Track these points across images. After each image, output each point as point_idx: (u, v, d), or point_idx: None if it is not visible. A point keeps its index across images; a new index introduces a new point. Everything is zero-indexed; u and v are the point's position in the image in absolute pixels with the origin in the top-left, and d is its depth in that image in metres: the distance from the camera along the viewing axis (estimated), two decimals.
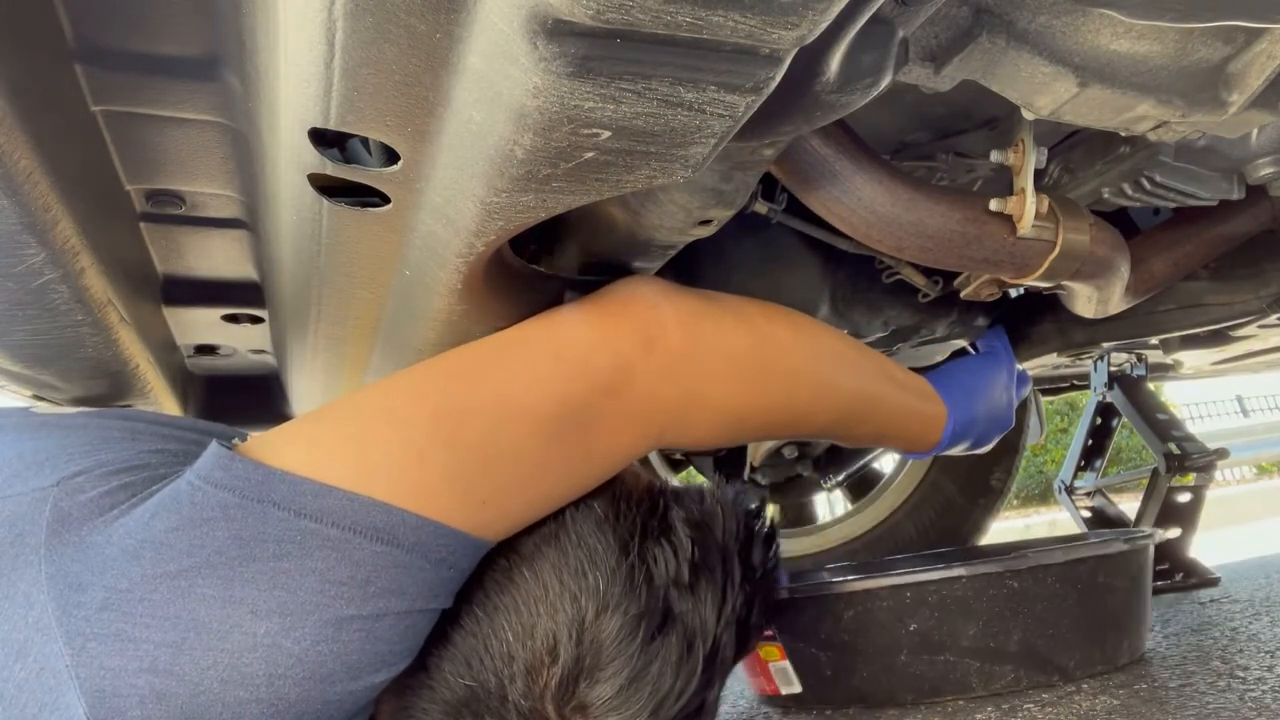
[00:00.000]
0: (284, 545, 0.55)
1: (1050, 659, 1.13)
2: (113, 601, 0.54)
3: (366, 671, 0.58)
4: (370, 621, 0.57)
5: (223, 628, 0.54)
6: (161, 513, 0.56)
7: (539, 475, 0.65)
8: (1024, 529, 6.41)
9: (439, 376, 0.67)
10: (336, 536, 0.56)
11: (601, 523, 0.68)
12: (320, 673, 0.56)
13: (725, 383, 0.73)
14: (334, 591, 0.56)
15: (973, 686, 1.12)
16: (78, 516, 0.57)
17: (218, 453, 0.59)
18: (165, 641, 0.53)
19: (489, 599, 0.65)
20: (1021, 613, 1.12)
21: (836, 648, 1.14)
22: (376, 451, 0.60)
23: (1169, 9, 0.51)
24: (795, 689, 1.18)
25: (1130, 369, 1.92)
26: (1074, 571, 1.14)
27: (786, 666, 1.18)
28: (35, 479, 0.59)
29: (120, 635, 0.53)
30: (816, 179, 0.73)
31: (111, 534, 0.56)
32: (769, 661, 1.20)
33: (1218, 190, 0.82)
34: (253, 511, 0.56)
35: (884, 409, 0.86)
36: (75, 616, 0.53)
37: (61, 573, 0.54)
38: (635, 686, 0.63)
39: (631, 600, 0.64)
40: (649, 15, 0.39)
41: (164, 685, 0.53)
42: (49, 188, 0.62)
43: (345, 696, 0.58)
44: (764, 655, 1.19)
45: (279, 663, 0.55)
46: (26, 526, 0.57)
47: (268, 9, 0.50)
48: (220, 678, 0.54)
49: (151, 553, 0.55)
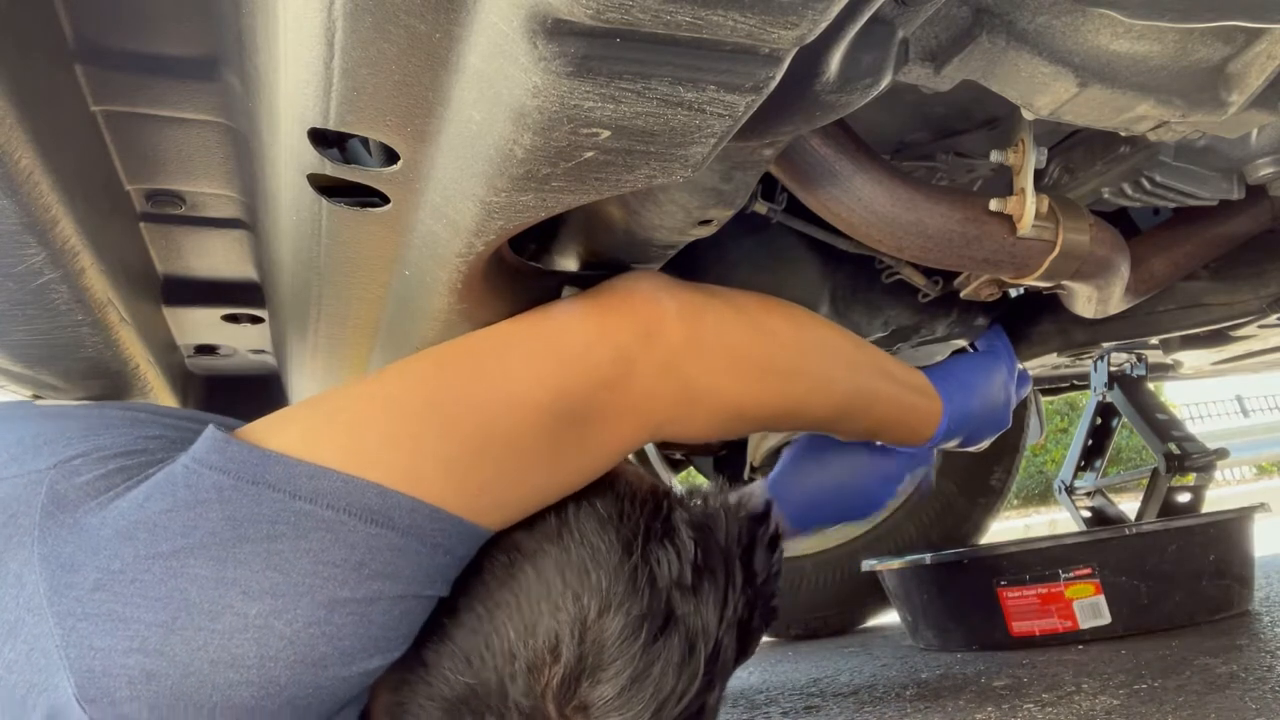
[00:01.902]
0: (278, 526, 0.55)
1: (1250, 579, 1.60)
2: (105, 582, 0.53)
3: (359, 657, 0.58)
4: (364, 605, 0.57)
5: (214, 608, 0.54)
6: (156, 494, 0.56)
7: (536, 465, 0.65)
8: (1024, 529, 6.41)
9: (437, 365, 0.67)
10: (331, 518, 0.56)
11: (605, 523, 0.68)
12: (312, 656, 0.56)
13: (724, 376, 0.73)
14: (327, 573, 0.56)
15: (1232, 605, 1.54)
16: (73, 499, 0.57)
17: (213, 435, 0.59)
18: (156, 622, 0.53)
19: (490, 595, 0.65)
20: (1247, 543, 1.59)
21: (1157, 578, 1.48)
22: (372, 436, 0.60)
23: (1169, 9, 0.51)
24: (1102, 621, 1.47)
25: (1130, 369, 1.92)
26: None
27: (1099, 600, 1.47)
28: (31, 462, 0.59)
29: (111, 615, 0.53)
30: (816, 179, 0.73)
31: (106, 516, 0.56)
32: (1076, 599, 1.46)
33: (1218, 190, 0.82)
34: (247, 493, 0.56)
35: (881, 403, 0.86)
36: (67, 597, 0.53)
37: (54, 553, 0.54)
38: (637, 687, 0.63)
39: (634, 601, 0.64)
40: (649, 15, 0.39)
41: (154, 665, 0.53)
42: (49, 188, 0.62)
43: (337, 682, 0.58)
44: (1070, 594, 1.46)
45: (270, 644, 0.54)
46: (20, 508, 0.56)
47: (268, 9, 0.50)
48: (210, 659, 0.53)
49: (145, 533, 0.55)
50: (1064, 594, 1.48)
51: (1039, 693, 1.11)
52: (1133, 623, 1.48)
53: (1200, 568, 1.50)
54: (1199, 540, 1.51)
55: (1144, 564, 1.48)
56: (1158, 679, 1.10)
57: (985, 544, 2.05)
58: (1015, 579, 1.52)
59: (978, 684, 1.29)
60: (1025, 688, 1.18)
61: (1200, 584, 1.50)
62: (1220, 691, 0.99)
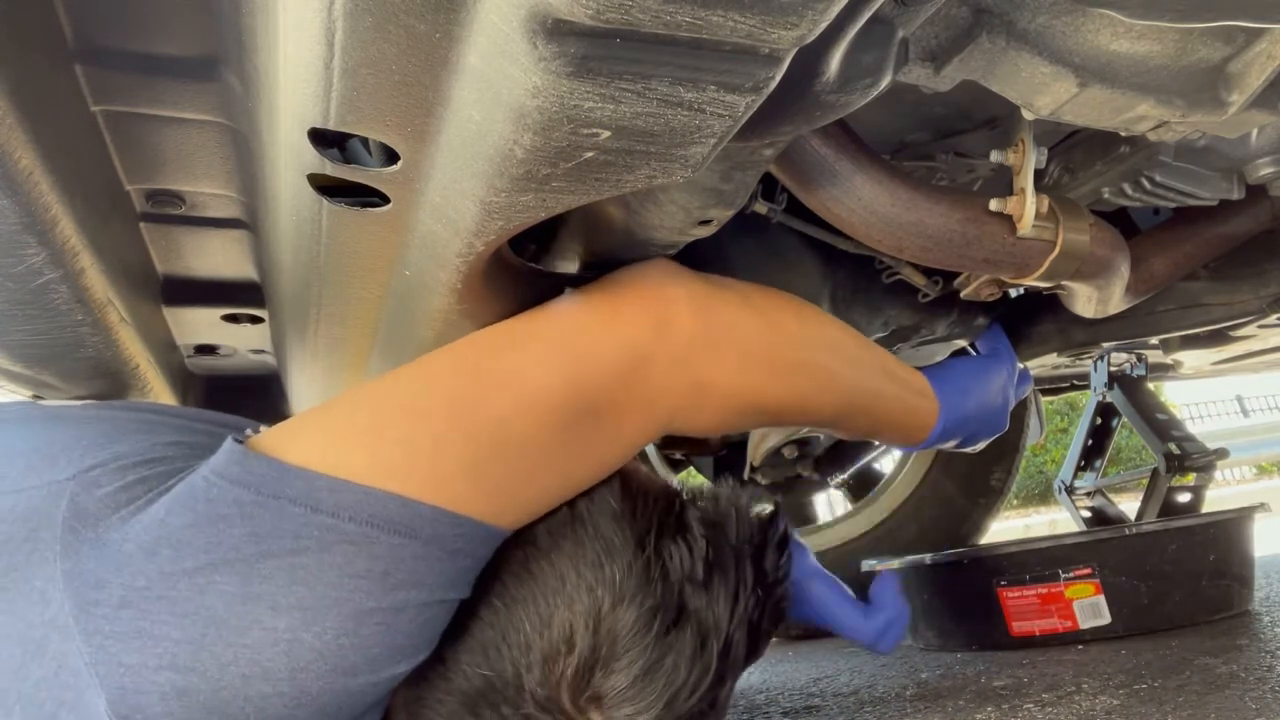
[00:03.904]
0: (301, 540, 0.56)
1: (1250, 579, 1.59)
2: (131, 599, 0.54)
3: (388, 663, 0.59)
4: (391, 614, 0.57)
5: (242, 624, 0.54)
6: (177, 509, 0.56)
7: (553, 462, 0.65)
8: (1024, 529, 6.41)
9: (450, 366, 0.67)
10: (354, 531, 0.56)
11: (618, 517, 0.68)
12: (342, 665, 0.56)
13: (734, 368, 0.73)
14: (353, 585, 0.56)
15: (1232, 605, 1.51)
16: (94, 512, 0.57)
17: (232, 449, 0.59)
18: (185, 638, 0.53)
19: (507, 590, 0.65)
20: (1247, 543, 1.57)
21: (1157, 577, 1.46)
22: (391, 443, 0.60)
23: (1169, 9, 0.51)
24: (1102, 621, 1.46)
25: (1130, 369, 1.92)
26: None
27: (1099, 600, 1.46)
28: (50, 472, 0.59)
29: (140, 633, 0.53)
30: (816, 179, 0.73)
31: (128, 530, 0.56)
32: (1076, 599, 1.46)
33: (1218, 190, 0.82)
34: (269, 507, 0.56)
35: (882, 402, 0.86)
36: (93, 614, 0.53)
37: (78, 570, 0.54)
38: (649, 678, 0.63)
39: (647, 594, 0.65)
40: (649, 15, 0.39)
41: (185, 681, 0.53)
42: (49, 187, 0.62)
43: (367, 688, 0.58)
44: (1070, 594, 1.46)
45: (300, 656, 0.55)
46: (42, 521, 0.57)
47: (268, 9, 0.50)
48: (242, 673, 0.54)
49: (169, 550, 0.55)
50: (1064, 594, 1.48)
51: (1039, 693, 1.11)
52: (1133, 623, 1.47)
53: (1200, 568, 1.50)
54: (1199, 540, 1.51)
55: (1144, 564, 1.48)
56: (1158, 679, 1.10)
57: (985, 544, 2.05)
58: (1015, 579, 1.53)
59: (978, 684, 1.29)
60: (1025, 688, 1.18)
61: (1200, 584, 1.50)
62: (1220, 691, 0.99)
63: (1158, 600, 1.47)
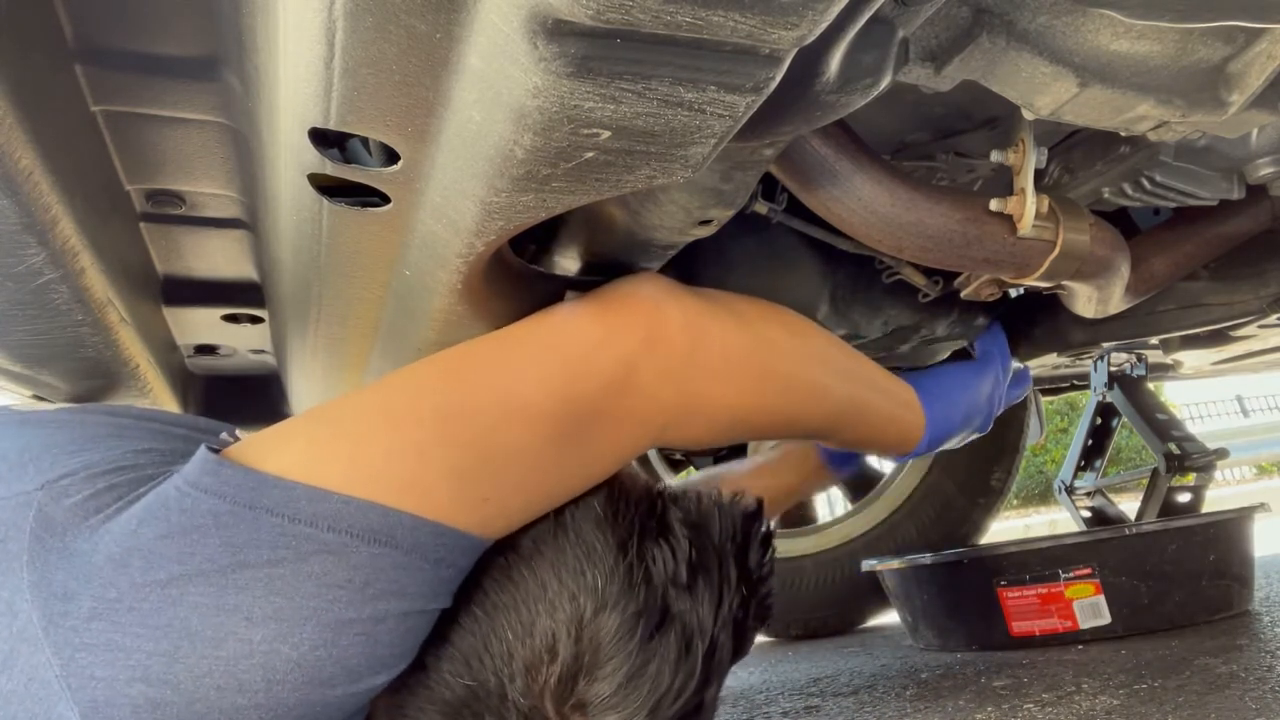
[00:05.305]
0: (278, 551, 0.55)
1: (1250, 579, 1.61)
2: (101, 611, 0.53)
3: (367, 674, 0.58)
4: (370, 624, 0.57)
5: (217, 635, 0.53)
6: (149, 519, 0.55)
7: (539, 473, 0.65)
8: (1024, 529, 6.41)
9: (438, 374, 0.66)
10: (333, 541, 0.56)
11: (600, 522, 0.68)
12: (320, 677, 0.55)
13: (724, 383, 0.73)
14: (332, 595, 0.55)
15: (1232, 605, 1.53)
16: (62, 521, 0.55)
17: (205, 458, 0.58)
18: (158, 651, 0.53)
19: (488, 598, 0.65)
20: (1246, 543, 1.59)
21: (1157, 578, 1.48)
22: (373, 451, 0.59)
23: (1169, 9, 0.51)
24: (1102, 621, 1.47)
25: (1130, 369, 1.92)
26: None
27: (1099, 601, 1.47)
28: (18, 482, 0.58)
29: (111, 645, 0.52)
30: (816, 179, 0.72)
31: (98, 541, 0.55)
32: (1076, 599, 1.46)
33: (1218, 190, 0.82)
34: (244, 518, 0.55)
35: (869, 415, 0.87)
36: (62, 626, 0.53)
37: (45, 581, 0.53)
38: (634, 684, 0.63)
39: (630, 599, 0.64)
40: (649, 15, 0.39)
41: (158, 694, 0.52)
42: (49, 188, 0.62)
43: (345, 699, 0.58)
44: (1070, 594, 1.47)
45: (277, 668, 0.54)
46: (9, 532, 0.55)
47: (268, 9, 0.50)
48: (216, 685, 0.53)
49: (140, 561, 0.54)
50: (1064, 594, 1.49)
51: (1039, 693, 1.11)
52: (1133, 623, 1.48)
53: (1200, 568, 1.51)
54: (1199, 540, 1.51)
55: (1144, 564, 1.48)
56: (1158, 679, 1.10)
57: (985, 544, 2.05)
58: (1015, 579, 1.53)
59: (978, 684, 1.29)
60: (1025, 688, 1.18)
61: (1200, 584, 1.50)
62: (1220, 691, 0.99)
63: (1158, 600, 1.47)
